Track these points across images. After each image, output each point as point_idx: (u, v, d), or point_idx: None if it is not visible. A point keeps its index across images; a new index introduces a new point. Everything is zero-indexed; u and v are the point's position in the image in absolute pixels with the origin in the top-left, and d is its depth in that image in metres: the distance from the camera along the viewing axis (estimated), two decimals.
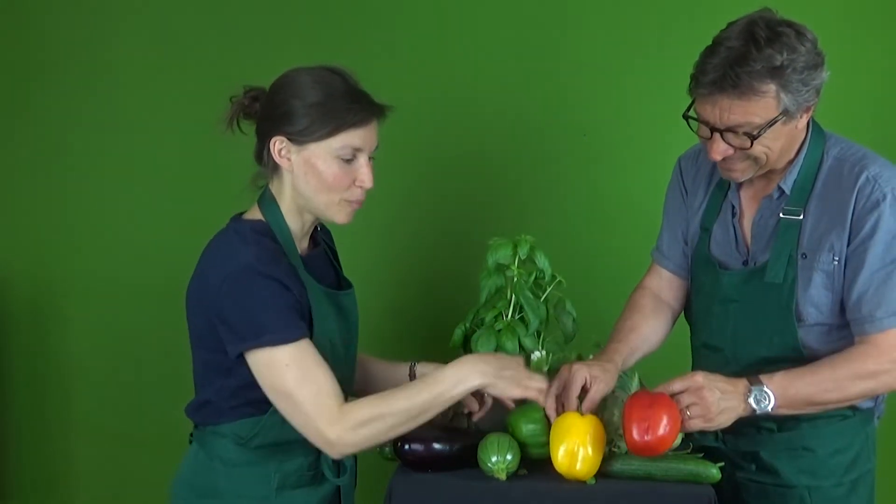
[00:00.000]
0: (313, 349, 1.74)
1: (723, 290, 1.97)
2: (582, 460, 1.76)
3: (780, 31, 1.74)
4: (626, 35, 2.76)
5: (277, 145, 1.78)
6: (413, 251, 2.89)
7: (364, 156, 1.80)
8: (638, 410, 1.75)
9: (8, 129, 2.93)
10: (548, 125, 2.80)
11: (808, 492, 1.93)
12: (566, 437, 1.77)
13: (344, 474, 1.89)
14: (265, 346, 1.71)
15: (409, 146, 2.83)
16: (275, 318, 1.71)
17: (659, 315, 2.13)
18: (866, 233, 1.81)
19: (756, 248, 1.94)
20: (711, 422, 1.77)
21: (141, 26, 2.86)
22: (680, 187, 2.12)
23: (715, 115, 1.77)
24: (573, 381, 1.85)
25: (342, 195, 1.80)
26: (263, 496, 1.82)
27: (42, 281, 2.95)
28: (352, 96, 1.78)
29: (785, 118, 1.77)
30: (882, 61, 2.70)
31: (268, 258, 1.75)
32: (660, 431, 1.72)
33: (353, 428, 1.70)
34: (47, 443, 2.99)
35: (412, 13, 2.82)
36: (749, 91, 1.72)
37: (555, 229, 2.71)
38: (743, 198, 1.99)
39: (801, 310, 1.87)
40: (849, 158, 1.87)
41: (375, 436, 1.73)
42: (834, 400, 1.84)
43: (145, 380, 2.93)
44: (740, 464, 1.98)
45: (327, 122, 1.75)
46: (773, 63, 1.71)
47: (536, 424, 1.85)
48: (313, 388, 1.71)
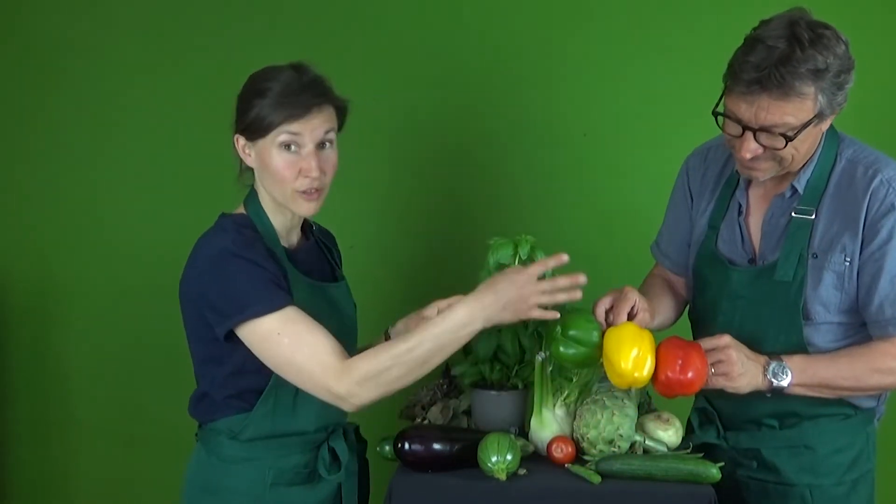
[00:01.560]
0: (302, 314, 1.75)
1: (731, 287, 1.97)
2: (648, 368, 1.79)
3: (821, 33, 1.74)
4: (626, 35, 2.76)
5: (240, 142, 1.85)
6: (413, 251, 2.89)
7: (308, 145, 1.80)
8: (673, 349, 1.81)
9: (8, 129, 2.93)
10: (548, 125, 2.80)
11: (809, 490, 1.93)
12: (634, 343, 1.80)
13: (336, 472, 1.88)
14: (251, 318, 1.73)
15: (409, 146, 2.84)
16: (256, 291, 1.74)
17: (670, 294, 2.17)
18: (883, 238, 1.83)
19: (765, 247, 1.95)
20: (733, 381, 1.81)
21: (141, 26, 2.87)
22: (685, 188, 2.13)
23: (751, 114, 1.76)
24: (625, 299, 1.89)
25: (292, 185, 1.82)
26: (257, 492, 1.83)
27: (42, 281, 2.95)
28: (293, 88, 1.79)
29: (818, 121, 1.78)
30: (883, 61, 2.70)
31: (244, 242, 1.79)
32: (690, 372, 1.77)
33: (359, 382, 1.72)
34: (47, 443, 2.99)
35: (412, 13, 2.82)
36: (791, 92, 1.72)
37: (555, 229, 2.72)
38: (751, 197, 1.99)
39: (809, 308, 1.88)
40: (862, 161, 1.88)
41: (385, 385, 1.73)
42: (848, 388, 1.87)
43: (146, 380, 2.93)
44: (741, 461, 1.99)
45: (264, 117, 1.79)
46: (817, 65, 1.72)
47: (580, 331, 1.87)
48: (309, 350, 1.72)
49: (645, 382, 1.81)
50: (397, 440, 1.86)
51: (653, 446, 1.90)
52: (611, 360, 1.81)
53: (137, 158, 2.90)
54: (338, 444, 1.90)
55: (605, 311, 1.91)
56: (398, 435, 1.87)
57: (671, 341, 1.84)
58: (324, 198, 1.87)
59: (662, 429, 1.94)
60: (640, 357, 1.79)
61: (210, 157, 2.65)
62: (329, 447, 1.90)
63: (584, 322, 1.88)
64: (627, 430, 1.87)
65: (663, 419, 1.96)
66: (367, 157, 2.81)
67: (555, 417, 1.93)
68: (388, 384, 1.74)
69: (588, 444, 1.88)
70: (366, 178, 2.82)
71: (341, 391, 1.72)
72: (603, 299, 1.91)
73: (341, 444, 1.90)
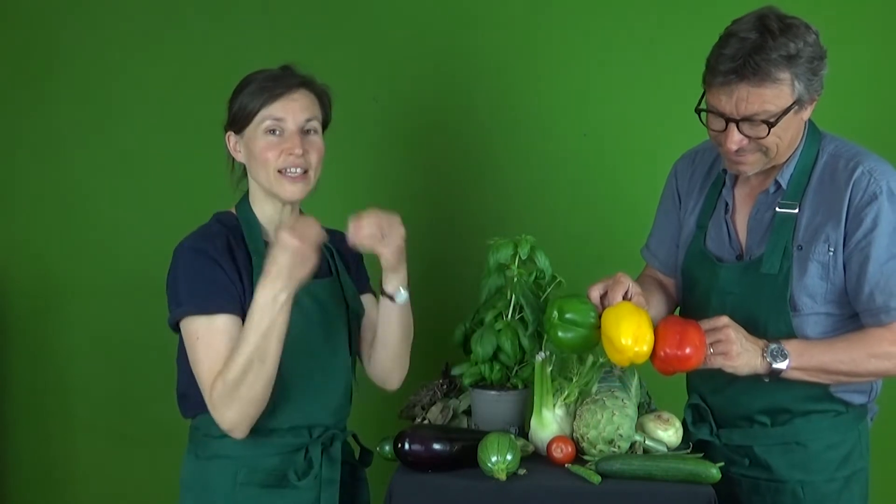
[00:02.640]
0: (231, 328, 1.76)
1: (720, 283, 2.00)
2: (648, 343, 1.80)
3: (790, 23, 1.81)
4: (626, 35, 2.76)
5: (231, 140, 1.90)
6: (413, 251, 2.87)
7: (291, 126, 1.85)
8: (671, 326, 1.82)
9: (8, 129, 2.93)
10: (548, 125, 2.81)
11: (801, 486, 1.95)
12: (632, 319, 1.81)
13: (306, 479, 1.86)
14: (181, 315, 1.78)
15: (410, 146, 2.84)
16: (193, 289, 1.77)
17: (661, 292, 2.19)
18: (868, 226, 1.85)
19: (751, 242, 1.98)
20: (731, 360, 1.82)
21: (141, 26, 2.87)
22: (673, 192, 2.17)
23: (731, 105, 1.81)
24: (618, 283, 1.90)
25: (275, 165, 1.84)
26: (226, 490, 1.83)
27: (41, 280, 2.95)
28: (269, 78, 1.87)
29: (797, 107, 1.83)
30: (880, 61, 2.71)
31: (205, 237, 1.83)
32: (688, 348, 1.78)
33: (221, 411, 1.74)
34: (47, 443, 2.99)
35: (412, 13, 2.82)
36: (767, 79, 1.77)
37: (555, 229, 2.72)
38: (737, 195, 2.03)
39: (797, 300, 1.91)
40: (843, 154, 1.93)
41: (244, 399, 1.72)
42: (845, 373, 1.88)
43: (144, 378, 2.93)
44: (734, 458, 2.00)
45: (246, 105, 1.85)
46: (789, 51, 1.77)
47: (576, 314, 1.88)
48: (208, 365, 1.75)
49: (645, 358, 1.81)
50: (397, 440, 1.86)
51: (653, 446, 1.91)
52: (610, 338, 1.82)
53: (137, 158, 2.90)
54: (315, 451, 1.88)
55: (600, 297, 1.91)
56: (398, 435, 1.87)
57: (670, 319, 1.88)
58: (311, 185, 1.89)
59: (662, 429, 1.94)
60: (639, 332, 1.80)
61: (209, 156, 2.65)
62: (307, 453, 1.88)
63: (580, 304, 1.89)
64: (627, 430, 1.87)
65: (663, 419, 1.96)
66: (366, 157, 2.82)
67: (555, 417, 1.93)
68: (246, 396, 1.72)
69: (588, 444, 1.88)
70: (365, 178, 2.82)
71: (217, 417, 1.75)
72: (596, 285, 1.92)
73: (317, 452, 1.88)
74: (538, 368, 1.95)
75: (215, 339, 1.75)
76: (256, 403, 1.74)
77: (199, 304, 1.76)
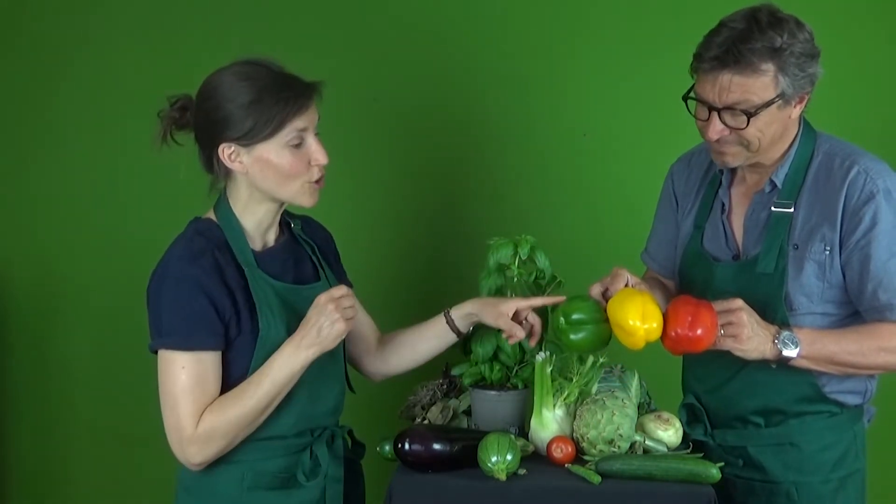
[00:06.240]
0: (213, 364, 1.76)
1: (716, 283, 2.00)
2: (658, 321, 1.80)
3: (781, 18, 1.83)
4: (625, 35, 2.76)
5: (226, 152, 1.79)
6: (413, 251, 2.89)
7: (311, 135, 1.81)
8: (683, 306, 1.81)
9: (8, 129, 2.93)
10: (548, 125, 2.81)
11: (795, 487, 1.95)
12: (637, 301, 1.81)
13: (315, 479, 1.85)
14: (164, 347, 1.77)
15: (410, 147, 2.84)
16: (177, 323, 1.75)
17: (664, 290, 2.19)
18: (867, 225, 1.86)
19: (748, 242, 1.99)
20: (742, 343, 1.81)
21: (143, 26, 2.87)
22: (670, 195, 2.18)
23: (714, 93, 1.82)
24: (617, 277, 1.91)
25: (303, 179, 1.81)
26: (233, 495, 1.82)
27: (43, 281, 2.95)
28: (282, 84, 1.78)
29: (781, 102, 1.83)
30: (880, 62, 2.71)
31: (189, 256, 1.77)
32: (700, 329, 1.78)
33: (200, 447, 1.75)
34: (47, 443, 2.99)
35: (412, 13, 2.82)
36: (749, 68, 1.79)
37: (555, 229, 2.72)
38: (734, 195, 2.04)
39: (792, 299, 1.91)
40: (839, 153, 1.93)
41: (234, 439, 1.76)
42: (853, 364, 1.88)
43: (145, 380, 2.89)
44: (728, 459, 1.99)
45: (270, 119, 1.76)
46: (774, 44, 1.79)
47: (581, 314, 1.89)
48: (192, 399, 1.75)
49: (657, 335, 1.81)
50: (397, 440, 1.86)
51: (653, 446, 1.91)
52: (619, 323, 1.82)
53: (138, 158, 2.89)
54: (320, 450, 1.87)
55: (601, 293, 1.92)
56: (398, 435, 1.87)
57: (682, 298, 1.87)
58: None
59: (662, 429, 1.94)
60: (646, 310, 1.80)
61: None
62: (312, 452, 1.87)
63: (583, 303, 1.90)
64: (627, 430, 1.87)
65: (663, 419, 1.96)
66: (366, 157, 2.82)
67: (555, 417, 1.93)
68: (228, 446, 1.76)
69: (588, 444, 1.88)
70: (365, 178, 2.82)
71: (187, 455, 1.76)
72: (595, 284, 1.92)
73: (324, 450, 1.87)
74: (538, 368, 1.95)
75: (207, 374, 1.75)
76: (236, 443, 1.77)
77: (183, 339, 1.75)
